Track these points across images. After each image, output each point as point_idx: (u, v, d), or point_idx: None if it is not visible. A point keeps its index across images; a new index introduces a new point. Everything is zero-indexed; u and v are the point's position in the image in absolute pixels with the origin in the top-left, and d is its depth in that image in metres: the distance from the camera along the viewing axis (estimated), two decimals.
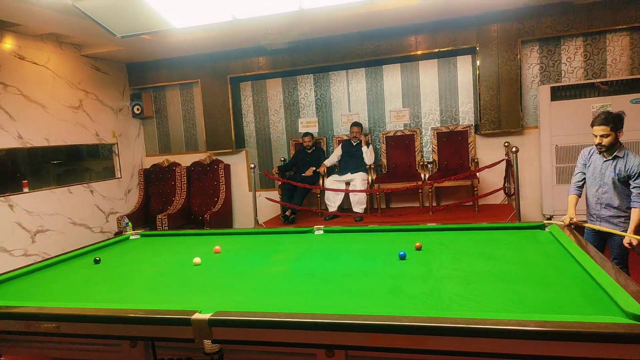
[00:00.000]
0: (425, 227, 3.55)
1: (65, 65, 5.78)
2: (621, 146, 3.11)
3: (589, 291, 1.98)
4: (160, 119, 7.12)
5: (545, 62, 5.56)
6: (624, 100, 4.92)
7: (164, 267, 2.99)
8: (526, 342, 1.56)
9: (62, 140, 5.65)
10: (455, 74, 5.95)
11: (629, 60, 5.28)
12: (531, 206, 5.70)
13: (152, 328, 1.98)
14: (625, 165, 3.03)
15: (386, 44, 5.91)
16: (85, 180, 6.09)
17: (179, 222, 6.27)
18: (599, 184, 3.20)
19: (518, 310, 1.83)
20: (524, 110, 5.65)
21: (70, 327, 2.09)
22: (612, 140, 3.04)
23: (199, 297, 2.33)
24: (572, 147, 5.13)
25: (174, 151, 7.10)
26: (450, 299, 2.03)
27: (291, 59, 6.26)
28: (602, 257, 2.35)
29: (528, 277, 2.25)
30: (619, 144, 3.10)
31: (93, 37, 5.44)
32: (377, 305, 2.02)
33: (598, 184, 3.21)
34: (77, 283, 2.77)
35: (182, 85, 6.93)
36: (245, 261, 3.00)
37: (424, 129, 6.10)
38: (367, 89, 6.29)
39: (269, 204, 6.26)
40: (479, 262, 2.55)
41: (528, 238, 3.01)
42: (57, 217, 5.51)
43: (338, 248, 3.14)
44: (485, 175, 5.64)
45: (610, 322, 1.56)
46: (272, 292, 2.35)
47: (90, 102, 6.15)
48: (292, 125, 6.63)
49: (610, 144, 3.06)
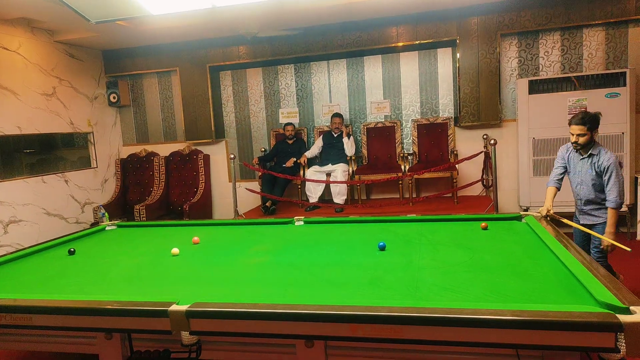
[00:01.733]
0: (405, 218, 3.58)
1: (38, 52, 5.60)
2: (596, 143, 3.20)
3: (564, 281, 2.02)
4: (138, 108, 6.98)
5: (524, 56, 5.63)
6: (599, 95, 5.02)
7: (141, 258, 2.94)
8: (503, 330, 1.59)
9: (34, 128, 5.49)
10: (435, 67, 5.98)
11: (605, 55, 5.39)
12: (508, 198, 5.79)
13: (128, 320, 1.95)
14: (599, 160, 3.14)
15: (367, 35, 5.89)
16: (59, 169, 5.94)
17: (157, 213, 6.18)
18: (578, 182, 3.30)
19: (495, 300, 1.86)
20: (502, 103, 5.72)
21: (44, 319, 2.05)
22: (588, 139, 3.15)
23: (177, 289, 2.31)
24: (549, 140, 5.22)
25: (152, 141, 6.98)
26: (429, 289, 2.05)
27: (272, 48, 6.20)
28: (577, 248, 2.40)
29: (505, 267, 2.28)
30: (594, 142, 3.20)
31: (66, 23, 5.28)
32: (356, 296, 2.03)
33: (577, 181, 3.31)
34: (51, 274, 2.71)
35: (160, 73, 6.79)
36: (225, 252, 2.98)
37: (405, 121, 6.13)
38: (348, 80, 6.27)
39: (249, 195, 6.21)
40: (458, 253, 2.58)
41: (505, 229, 3.06)
42: (31, 207, 5.37)
43: (318, 239, 3.14)
44: (464, 167, 5.71)
45: (584, 311, 1.59)
46: (251, 283, 2.33)
47: (64, 89, 5.98)
48: (273, 116, 6.58)
49: (586, 143, 3.16)
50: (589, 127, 3.12)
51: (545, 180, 5.27)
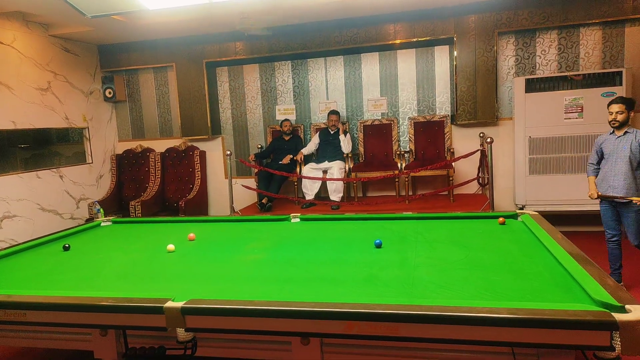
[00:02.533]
0: (402, 215, 3.58)
1: (33, 45, 5.56)
2: (630, 125, 3.62)
3: (560, 279, 2.03)
4: (134, 103, 6.94)
5: (521, 55, 5.63)
6: (596, 94, 5.03)
7: (137, 255, 2.93)
8: (498, 329, 1.59)
9: (29, 123, 5.45)
10: (432, 64, 5.98)
11: (601, 54, 5.40)
12: (504, 196, 5.80)
13: (123, 316, 1.94)
14: (636, 137, 3.55)
15: (365, 32, 5.88)
16: (54, 165, 5.90)
17: (152, 209, 6.16)
18: (615, 159, 3.65)
19: (491, 298, 1.87)
20: (499, 102, 5.73)
21: (38, 315, 2.04)
22: (625, 118, 3.57)
23: (173, 285, 2.30)
24: (545, 138, 5.23)
25: (147, 136, 6.94)
26: (425, 287, 2.05)
27: (269, 45, 6.18)
28: (572, 246, 2.40)
29: (501, 265, 2.29)
30: (629, 123, 3.62)
31: (62, 17, 5.24)
32: (352, 293, 2.02)
33: (614, 159, 3.65)
34: (45, 270, 2.69)
35: (157, 69, 6.76)
36: (221, 249, 2.97)
37: (402, 119, 6.13)
38: (346, 77, 6.26)
39: (245, 192, 6.20)
40: (454, 251, 2.59)
41: (501, 227, 3.07)
42: (25, 202, 5.34)
43: (314, 236, 3.13)
44: (461, 165, 5.71)
45: (579, 310, 1.60)
46: (247, 280, 2.33)
47: (60, 84, 5.94)
48: (270, 112, 6.56)
49: (624, 121, 3.58)
50: (627, 107, 3.55)
51: (541, 178, 5.31)
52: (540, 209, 4.73)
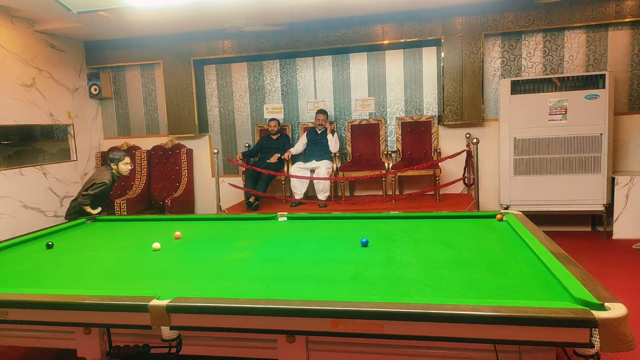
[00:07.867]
0: (388, 215, 3.60)
1: (17, 41, 5.47)
2: None
3: (541, 278, 2.06)
4: (120, 101, 6.87)
5: (507, 57, 5.70)
6: (579, 96, 5.11)
7: (121, 253, 2.91)
8: (482, 326, 1.61)
9: (12, 119, 5.37)
10: (420, 65, 6.02)
11: (585, 57, 5.49)
12: (489, 196, 5.87)
13: (107, 314, 1.92)
14: None
15: (353, 32, 5.90)
16: (38, 162, 5.82)
17: (138, 207, 6.11)
18: None
19: (474, 296, 1.89)
20: (485, 103, 5.79)
21: (20, 313, 2.01)
22: None
23: (158, 283, 2.28)
24: (530, 139, 5.30)
25: (133, 134, 6.88)
26: (410, 285, 2.06)
27: (257, 43, 6.16)
28: (555, 245, 2.44)
29: (485, 264, 2.31)
30: None
31: (47, 12, 5.16)
32: (338, 291, 2.03)
33: None
34: (28, 268, 2.65)
35: (143, 66, 6.70)
36: (207, 247, 2.96)
37: (389, 119, 6.16)
38: (334, 76, 6.27)
39: (232, 191, 6.18)
40: (439, 250, 2.61)
41: (485, 227, 3.10)
42: (7, 199, 5.25)
43: (301, 235, 3.14)
44: (447, 165, 5.76)
45: (560, 307, 1.62)
46: (233, 278, 2.32)
47: (44, 80, 5.85)
48: (258, 111, 6.55)
49: None
50: None
51: (526, 178, 5.37)
52: (525, 209, 4.79)
